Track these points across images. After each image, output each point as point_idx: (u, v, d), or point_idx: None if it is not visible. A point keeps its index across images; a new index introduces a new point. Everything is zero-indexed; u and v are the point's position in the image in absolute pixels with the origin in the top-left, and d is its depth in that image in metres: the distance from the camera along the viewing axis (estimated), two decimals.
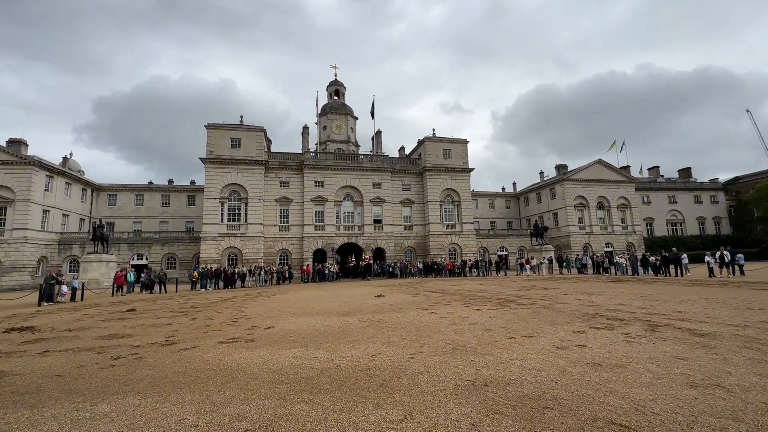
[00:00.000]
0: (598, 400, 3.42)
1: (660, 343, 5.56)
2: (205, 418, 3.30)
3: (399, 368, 4.69)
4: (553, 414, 3.16)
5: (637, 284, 17.07)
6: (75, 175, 40.73)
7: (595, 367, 4.46)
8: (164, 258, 38.68)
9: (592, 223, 48.09)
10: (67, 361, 5.65)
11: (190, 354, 5.84)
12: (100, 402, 3.79)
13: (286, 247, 38.97)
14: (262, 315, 10.44)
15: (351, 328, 7.87)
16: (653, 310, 8.83)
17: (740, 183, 57.60)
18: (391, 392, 3.82)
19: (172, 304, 14.50)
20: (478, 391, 3.78)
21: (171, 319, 10.07)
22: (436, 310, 10.27)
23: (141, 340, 7.20)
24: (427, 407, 3.38)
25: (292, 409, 3.43)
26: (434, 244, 41.68)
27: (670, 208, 53.65)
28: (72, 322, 10.06)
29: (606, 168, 50.27)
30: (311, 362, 5.13)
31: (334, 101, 56.49)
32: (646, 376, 4.09)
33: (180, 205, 46.68)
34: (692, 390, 3.62)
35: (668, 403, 3.31)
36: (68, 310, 13.58)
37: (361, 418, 3.19)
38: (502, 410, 3.26)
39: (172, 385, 4.31)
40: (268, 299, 15.78)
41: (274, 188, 39.53)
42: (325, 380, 4.30)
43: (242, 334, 7.45)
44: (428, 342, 6.18)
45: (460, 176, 44.19)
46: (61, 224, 38.47)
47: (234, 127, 38.65)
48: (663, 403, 3.32)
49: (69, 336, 7.90)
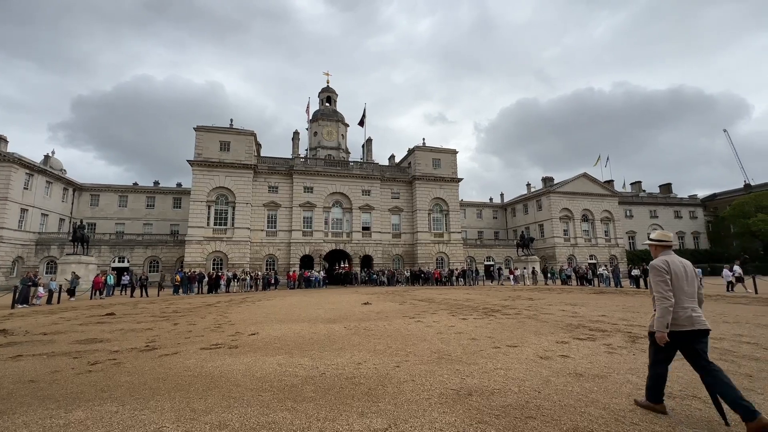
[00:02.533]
0: (580, 410, 3.48)
1: (640, 354, 5.67)
2: (184, 426, 3.23)
3: (384, 376, 4.67)
4: (535, 423, 3.20)
5: (619, 296, 17.41)
6: (56, 174, 39.65)
7: (577, 378, 4.53)
8: (147, 261, 37.78)
9: (577, 235, 48.99)
10: (41, 366, 5.45)
11: (171, 360, 5.71)
12: (75, 409, 3.67)
13: (273, 252, 38.54)
14: (247, 321, 10.27)
15: (337, 335, 7.81)
16: (634, 322, 9.02)
17: (718, 199, 59.59)
18: (375, 401, 3.80)
19: (154, 309, 14.15)
20: (463, 400, 3.79)
21: (152, 324, 9.82)
22: (422, 318, 10.28)
23: (120, 345, 7.01)
24: (412, 416, 3.38)
25: (275, 417, 3.38)
26: (422, 252, 41.80)
27: (652, 222, 55.07)
28: (48, 326, 9.71)
29: (590, 182, 51.45)
30: (296, 369, 5.07)
31: (325, 108, 56.65)
32: (626, 386, 4.18)
33: (165, 208, 45.80)
34: (670, 400, 3.70)
35: (646, 413, 3.38)
36: (44, 313, 13.11)
37: (345, 426, 3.17)
38: (486, 419, 3.29)
39: (152, 391, 4.20)
40: (253, 305, 15.54)
41: (262, 193, 39.19)
42: (310, 388, 4.26)
43: (226, 340, 7.32)
44: (414, 351, 6.18)
45: (448, 186, 44.61)
46: (40, 224, 37.29)
47: (224, 130, 38.31)
48: (641, 413, 3.39)
49: (44, 340, 7.63)
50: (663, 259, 3.53)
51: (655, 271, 3.46)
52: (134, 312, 13.04)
